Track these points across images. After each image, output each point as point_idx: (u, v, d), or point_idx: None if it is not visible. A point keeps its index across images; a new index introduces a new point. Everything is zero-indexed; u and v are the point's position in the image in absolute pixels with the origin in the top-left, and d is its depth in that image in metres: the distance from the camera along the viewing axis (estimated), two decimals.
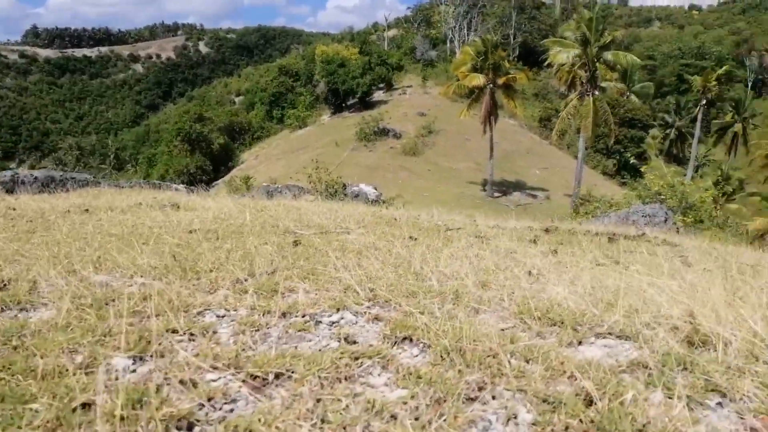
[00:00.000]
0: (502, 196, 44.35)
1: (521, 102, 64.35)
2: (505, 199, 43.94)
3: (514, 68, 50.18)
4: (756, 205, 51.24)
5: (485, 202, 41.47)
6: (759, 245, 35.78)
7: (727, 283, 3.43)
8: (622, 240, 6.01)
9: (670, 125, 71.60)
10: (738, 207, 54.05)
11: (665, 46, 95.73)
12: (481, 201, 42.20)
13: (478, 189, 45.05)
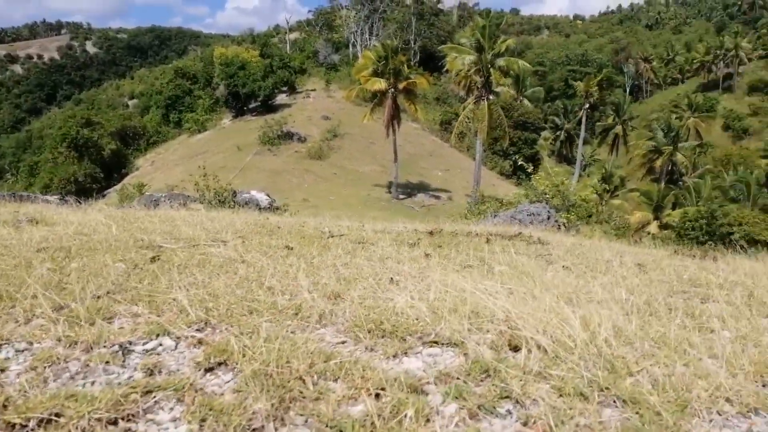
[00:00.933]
0: (407, 198, 45.15)
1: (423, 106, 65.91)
2: (410, 201, 44.77)
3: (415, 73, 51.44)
4: (635, 199, 56.04)
5: (391, 204, 42.08)
6: (639, 236, 38.97)
7: (579, 280, 3.64)
8: (498, 240, 6.25)
9: (559, 128, 76.53)
10: (620, 202, 58.77)
11: (553, 53, 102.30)
12: (387, 203, 42.78)
13: (384, 191, 45.58)
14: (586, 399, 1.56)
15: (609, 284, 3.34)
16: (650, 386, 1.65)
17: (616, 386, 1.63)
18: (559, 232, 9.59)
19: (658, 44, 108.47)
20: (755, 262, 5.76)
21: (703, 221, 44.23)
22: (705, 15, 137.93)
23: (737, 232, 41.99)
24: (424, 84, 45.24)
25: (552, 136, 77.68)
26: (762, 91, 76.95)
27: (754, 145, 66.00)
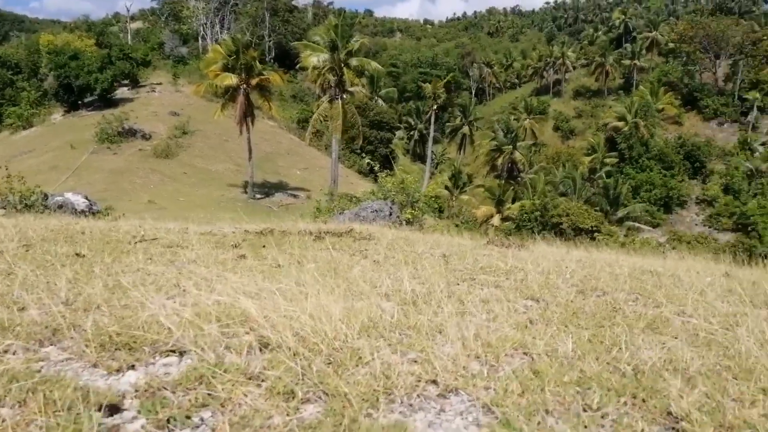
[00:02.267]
0: (264, 197, 44.10)
1: (279, 103, 64.80)
2: (267, 201, 43.78)
3: (269, 69, 50.39)
4: (481, 195, 60.31)
5: (247, 205, 40.73)
6: (485, 228, 41.71)
7: (381, 273, 3.70)
8: (329, 237, 6.22)
9: (413, 127, 79.83)
10: (468, 197, 62.78)
11: (406, 55, 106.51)
12: (243, 203, 41.34)
13: (240, 191, 44.07)
14: (292, 397, 1.53)
15: (408, 276, 3.43)
16: (369, 376, 1.67)
17: (326, 381, 1.62)
18: (395, 228, 9.85)
19: (498, 51, 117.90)
20: (556, 248, 6.38)
21: (537, 213, 48.84)
22: (538, 25, 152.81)
23: (565, 222, 47.01)
24: (278, 81, 44.44)
25: (406, 135, 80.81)
26: (584, 95, 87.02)
27: (579, 144, 74.38)
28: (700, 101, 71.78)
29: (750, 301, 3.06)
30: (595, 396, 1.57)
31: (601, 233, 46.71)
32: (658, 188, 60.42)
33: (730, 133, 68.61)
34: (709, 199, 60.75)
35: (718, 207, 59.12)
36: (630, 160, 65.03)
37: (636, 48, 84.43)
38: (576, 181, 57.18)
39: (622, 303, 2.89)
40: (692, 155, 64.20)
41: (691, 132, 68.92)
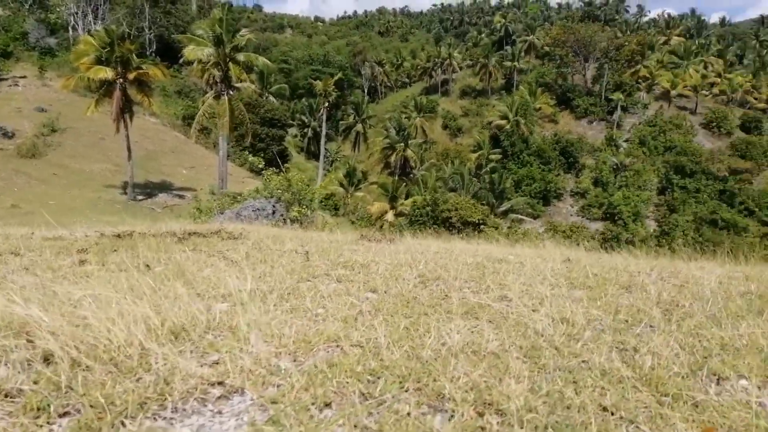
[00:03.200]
0: (146, 198, 41.58)
1: (162, 99, 61.38)
2: (150, 202, 41.33)
3: (149, 63, 47.51)
4: (375, 192, 61.13)
5: (127, 207, 38.16)
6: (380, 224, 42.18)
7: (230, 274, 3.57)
8: (194, 238, 5.94)
9: (306, 125, 79.12)
10: (363, 194, 63.39)
11: (298, 52, 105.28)
12: (123, 205, 38.69)
13: (119, 192, 41.19)
14: (46, 412, 1.41)
15: (259, 275, 3.34)
16: (149, 383, 1.58)
17: (91, 393, 1.52)
18: (277, 227, 9.67)
19: (389, 50, 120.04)
20: (426, 240, 6.57)
21: (429, 208, 50.34)
22: (426, 27, 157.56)
23: (454, 216, 48.93)
24: (159, 75, 41.96)
25: (300, 133, 79.93)
26: (470, 95, 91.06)
27: (466, 142, 77.69)
28: (572, 101, 77.73)
29: (571, 283, 3.33)
30: (379, 384, 1.60)
31: (487, 226, 49.22)
32: (538, 182, 64.63)
33: (598, 131, 74.99)
34: (581, 192, 66.00)
35: (590, 198, 64.44)
36: (512, 156, 69.00)
37: (516, 51, 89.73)
38: (464, 176, 59.66)
39: (455, 290, 3.01)
40: (566, 151, 69.34)
41: (565, 129, 74.46)
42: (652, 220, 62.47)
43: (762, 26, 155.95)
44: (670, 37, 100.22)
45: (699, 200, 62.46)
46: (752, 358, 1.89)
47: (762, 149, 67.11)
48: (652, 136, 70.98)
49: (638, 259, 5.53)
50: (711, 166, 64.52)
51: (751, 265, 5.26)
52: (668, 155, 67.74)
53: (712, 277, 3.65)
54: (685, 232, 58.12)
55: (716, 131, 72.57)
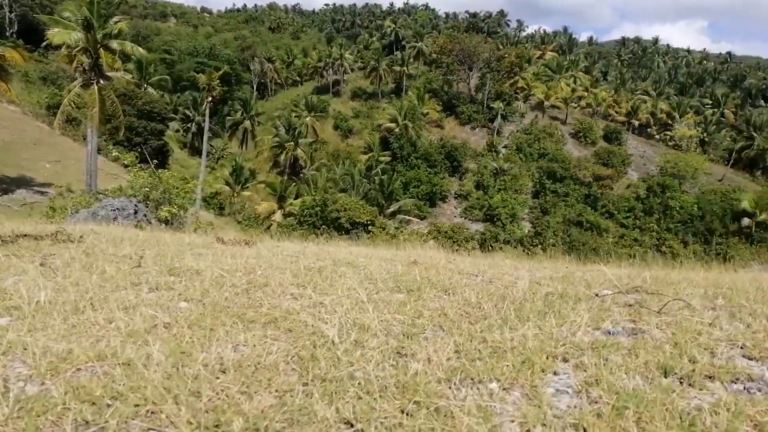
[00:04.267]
0: (2, 195, 37.37)
1: (24, 86, 55.59)
2: (7, 199, 37.19)
3: (9, 45, 42.67)
4: (263, 191, 59.77)
5: None
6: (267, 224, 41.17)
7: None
8: (21, 241, 5.34)
9: (191, 120, 75.48)
10: (251, 194, 61.69)
11: (182, 42, 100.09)
12: None
13: None
14: None
15: (70, 284, 3.02)
16: None
17: None
18: (140, 228, 9.03)
19: (279, 47, 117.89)
20: (301, 242, 6.43)
21: (318, 209, 50.09)
22: (318, 26, 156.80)
23: (343, 216, 49.12)
24: (18, 59, 37.83)
25: (182, 127, 76.08)
26: (361, 97, 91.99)
27: (357, 143, 78.35)
28: (457, 107, 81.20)
29: (397, 286, 3.39)
30: (112, 408, 1.47)
31: (375, 226, 49.98)
32: (425, 184, 66.70)
33: (480, 137, 78.98)
34: (464, 194, 69.09)
35: (472, 200, 67.65)
36: (401, 159, 70.65)
37: (405, 56, 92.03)
38: (354, 177, 60.07)
39: (275, 297, 2.93)
40: (451, 155, 72.25)
41: (451, 135, 77.59)
42: (528, 221, 66.82)
43: (623, 47, 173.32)
44: (545, 52, 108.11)
45: (568, 203, 67.83)
46: (513, 361, 1.99)
47: (621, 158, 74.38)
48: (528, 143, 76.01)
49: (496, 260, 5.78)
50: (578, 173, 70.34)
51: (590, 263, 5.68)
52: (542, 161, 72.90)
53: (536, 276, 3.89)
54: (555, 232, 62.92)
55: (583, 141, 79.31)
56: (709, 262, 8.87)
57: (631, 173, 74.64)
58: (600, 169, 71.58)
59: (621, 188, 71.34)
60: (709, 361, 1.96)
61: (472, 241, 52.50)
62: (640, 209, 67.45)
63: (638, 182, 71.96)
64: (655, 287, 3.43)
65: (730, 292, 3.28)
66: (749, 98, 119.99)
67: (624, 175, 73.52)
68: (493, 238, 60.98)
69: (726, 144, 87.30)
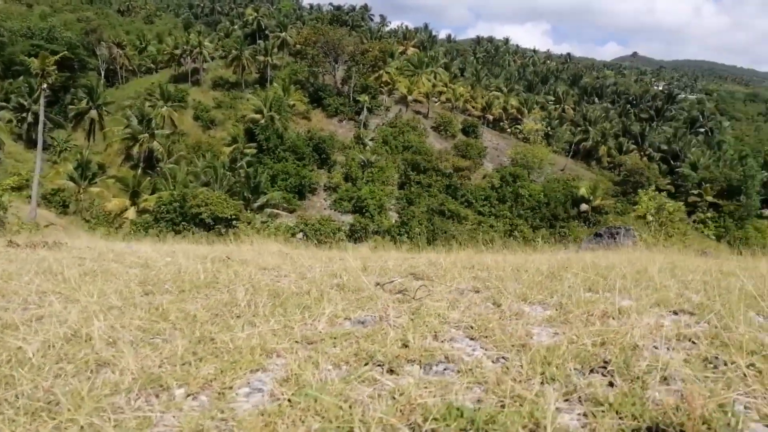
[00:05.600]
0: None
1: None
2: None
3: None
4: (114, 186, 55.16)
5: None
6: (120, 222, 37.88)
7: None
8: None
9: (25, 109, 67.47)
10: (100, 190, 56.64)
11: (13, 22, 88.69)
12: None
13: None
14: None
15: None
16: None
17: None
18: None
19: (131, 31, 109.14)
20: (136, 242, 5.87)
21: (177, 204, 47.37)
22: (174, 11, 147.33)
23: (204, 211, 46.94)
24: None
25: (16, 117, 67.76)
26: (223, 87, 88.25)
27: (220, 135, 75.14)
28: (324, 100, 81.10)
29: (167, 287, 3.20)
30: None
31: (241, 221, 48.42)
32: (293, 177, 65.91)
33: (347, 129, 79.70)
34: (333, 186, 69.39)
35: (341, 192, 68.15)
36: (268, 151, 69.07)
37: (269, 46, 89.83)
38: (218, 170, 57.60)
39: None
40: (319, 147, 72.11)
41: (318, 127, 77.38)
42: (395, 212, 68.83)
43: (478, 45, 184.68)
44: (407, 48, 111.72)
45: (431, 194, 70.98)
46: (223, 362, 1.92)
47: (478, 150, 79.31)
48: (393, 136, 78.18)
49: (340, 252, 5.72)
50: (440, 164, 73.80)
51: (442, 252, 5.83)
52: (406, 154, 75.42)
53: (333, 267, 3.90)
54: (420, 222, 65.55)
55: (444, 134, 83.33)
56: (553, 244, 9.68)
57: (486, 164, 79.86)
58: (459, 160, 75.70)
59: (478, 178, 76.10)
60: (421, 345, 2.03)
61: (339, 233, 52.92)
62: (495, 198, 72.57)
63: (493, 173, 77.23)
64: (441, 272, 3.58)
65: (502, 274, 3.52)
66: (585, 95, 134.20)
67: (480, 166, 78.49)
68: (362, 228, 61.99)
69: (566, 137, 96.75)
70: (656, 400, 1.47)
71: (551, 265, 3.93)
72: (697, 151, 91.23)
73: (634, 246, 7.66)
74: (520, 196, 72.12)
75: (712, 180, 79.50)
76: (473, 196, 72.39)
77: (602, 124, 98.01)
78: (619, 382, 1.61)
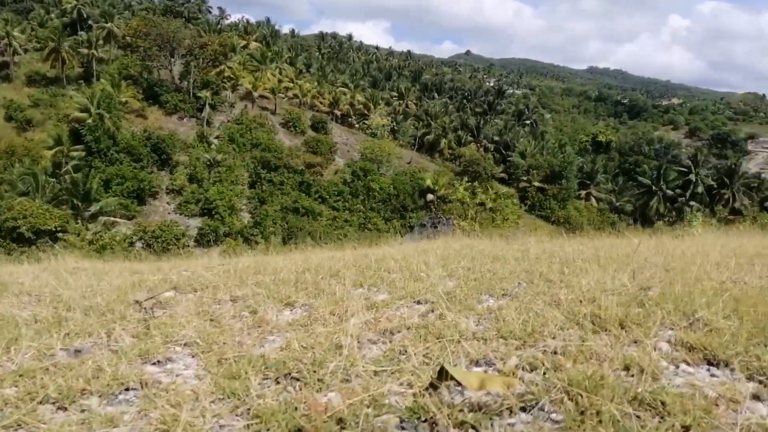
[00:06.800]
0: None
1: None
2: None
3: None
4: None
5: None
6: None
7: None
8: None
9: None
10: None
11: None
12: None
13: None
14: None
15: None
16: None
17: None
18: None
19: None
20: None
21: None
22: None
23: (23, 224, 41.63)
24: None
25: None
26: (40, 83, 78.51)
27: (39, 137, 66.81)
28: (161, 96, 75.88)
29: None
30: None
31: (69, 233, 43.68)
32: (130, 181, 60.94)
33: (189, 127, 75.49)
34: (177, 189, 65.39)
35: (186, 195, 64.45)
36: (98, 154, 63.04)
37: (93, 37, 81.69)
38: (38, 177, 51.50)
39: None
40: (159, 148, 67.42)
41: (156, 125, 72.28)
42: (246, 212, 66.84)
43: (323, 41, 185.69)
44: (249, 42, 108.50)
45: (284, 192, 70.08)
46: None
47: (328, 146, 79.87)
48: (240, 133, 75.75)
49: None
50: (291, 161, 73.08)
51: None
52: (255, 151, 73.58)
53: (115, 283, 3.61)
54: (274, 221, 64.46)
55: (293, 130, 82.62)
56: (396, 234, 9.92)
57: (338, 160, 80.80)
58: (310, 157, 75.67)
59: (330, 174, 76.75)
60: (116, 372, 1.92)
61: (184, 238, 50.11)
62: (348, 192, 73.77)
63: (344, 168, 78.39)
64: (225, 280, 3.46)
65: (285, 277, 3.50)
66: (426, 92, 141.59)
67: (332, 161, 79.23)
68: (212, 232, 59.32)
69: (411, 131, 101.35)
70: (307, 404, 1.51)
71: (346, 262, 4.00)
72: (525, 141, 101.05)
73: (452, 234, 8.17)
74: (372, 189, 74.11)
75: (538, 167, 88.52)
76: (326, 191, 72.88)
77: (442, 119, 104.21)
78: (293, 390, 1.63)
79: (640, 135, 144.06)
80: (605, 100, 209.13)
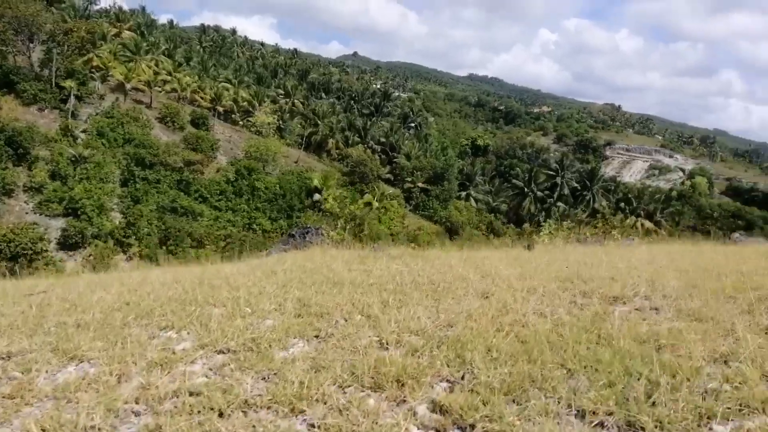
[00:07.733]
0: None
1: None
2: None
3: None
4: None
5: None
6: None
7: None
8: None
9: None
10: None
11: None
12: None
13: None
14: None
15: None
16: None
17: None
18: None
19: None
20: None
21: None
22: None
23: None
24: None
25: None
26: None
27: None
28: (17, 84, 68.27)
29: None
30: None
31: None
32: None
33: (51, 120, 68.65)
34: (37, 186, 59.20)
35: (47, 193, 58.57)
36: None
37: None
38: None
39: None
40: (14, 141, 60.63)
41: (11, 116, 64.86)
42: (118, 212, 62.14)
43: (204, 34, 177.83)
44: (122, 31, 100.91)
45: (160, 190, 66.08)
46: None
47: (210, 143, 76.47)
48: (110, 127, 70.29)
49: None
50: (168, 158, 69.01)
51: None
52: (128, 147, 68.65)
53: None
54: (149, 221, 60.49)
55: (171, 126, 78.14)
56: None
57: (220, 157, 77.73)
58: (190, 154, 72.05)
59: (212, 172, 73.62)
60: None
61: (42, 242, 45.53)
62: (231, 191, 71.24)
63: (227, 166, 75.61)
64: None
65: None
66: (313, 90, 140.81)
67: (214, 159, 76.03)
68: (78, 233, 54.47)
69: (298, 130, 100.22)
70: None
71: (173, 294, 3.79)
72: (410, 143, 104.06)
73: (320, 244, 8.21)
74: (257, 189, 72.23)
75: (422, 168, 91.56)
76: (208, 191, 69.86)
77: (330, 118, 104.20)
78: None
79: (515, 140, 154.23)
80: (484, 106, 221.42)
